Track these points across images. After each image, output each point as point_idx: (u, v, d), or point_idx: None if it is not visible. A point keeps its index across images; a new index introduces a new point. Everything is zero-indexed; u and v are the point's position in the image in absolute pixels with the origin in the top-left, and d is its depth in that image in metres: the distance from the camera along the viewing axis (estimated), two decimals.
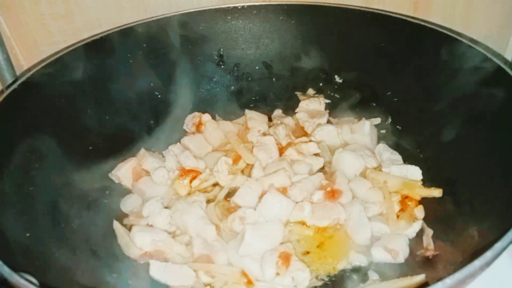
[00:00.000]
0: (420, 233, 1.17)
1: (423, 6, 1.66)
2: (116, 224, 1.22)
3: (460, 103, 1.27)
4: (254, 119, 1.54)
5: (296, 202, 1.25)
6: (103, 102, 1.40)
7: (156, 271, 1.09)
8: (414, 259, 1.13)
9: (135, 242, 1.17)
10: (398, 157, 1.37)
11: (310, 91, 1.66)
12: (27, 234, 1.01)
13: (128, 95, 1.47)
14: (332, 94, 1.63)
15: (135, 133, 1.47)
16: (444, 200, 1.21)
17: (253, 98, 1.66)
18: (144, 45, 1.49)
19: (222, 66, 1.63)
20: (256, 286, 1.06)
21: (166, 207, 1.28)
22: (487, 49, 1.26)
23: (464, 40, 1.28)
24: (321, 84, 1.64)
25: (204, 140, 1.47)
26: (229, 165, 1.35)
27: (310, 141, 1.45)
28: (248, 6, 1.56)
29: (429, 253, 1.11)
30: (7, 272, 0.79)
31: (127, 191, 1.35)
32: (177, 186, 1.32)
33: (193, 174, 1.35)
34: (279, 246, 1.14)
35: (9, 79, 1.43)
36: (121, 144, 1.42)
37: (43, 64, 1.26)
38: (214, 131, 1.48)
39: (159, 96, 1.54)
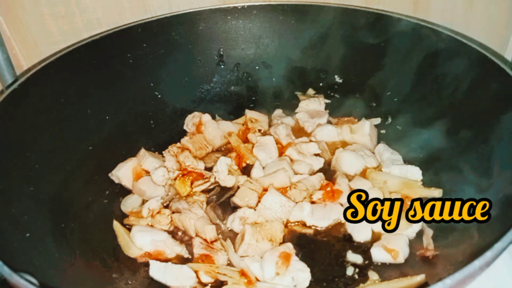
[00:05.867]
0: (420, 233, 1.17)
1: (423, 6, 1.66)
2: (116, 224, 1.22)
3: (460, 103, 1.27)
4: (254, 119, 1.55)
5: (296, 202, 1.25)
6: (103, 102, 1.40)
7: (156, 271, 1.09)
8: (414, 259, 1.13)
9: (135, 242, 1.17)
10: (398, 157, 1.37)
11: (310, 91, 1.66)
12: (27, 234, 1.01)
13: (128, 95, 1.48)
14: (332, 94, 1.63)
15: (135, 133, 1.47)
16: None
17: (253, 98, 1.66)
18: (144, 45, 1.49)
19: (222, 66, 1.64)
20: (256, 286, 1.06)
21: (166, 207, 1.28)
22: (487, 49, 1.26)
23: (464, 40, 1.28)
24: (321, 84, 1.64)
25: (204, 140, 1.47)
26: (229, 165, 1.35)
27: (310, 141, 1.45)
28: (248, 6, 1.56)
29: (429, 253, 1.11)
30: (7, 272, 0.79)
31: (127, 191, 1.35)
32: (179, 186, 1.32)
33: (194, 174, 1.35)
34: (279, 246, 1.14)
35: (9, 79, 1.43)
36: (121, 144, 1.42)
37: (43, 64, 1.26)
38: (214, 131, 1.48)
39: (159, 96, 1.54)
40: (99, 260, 1.13)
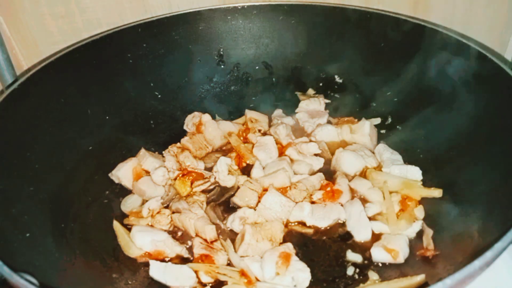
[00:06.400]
0: (420, 233, 1.17)
1: (423, 6, 1.66)
2: (116, 224, 1.22)
3: (460, 103, 1.27)
4: (254, 119, 1.55)
5: (296, 202, 1.25)
6: (103, 102, 1.40)
7: (156, 271, 1.09)
8: (414, 259, 1.13)
9: (135, 242, 1.17)
10: (398, 157, 1.37)
11: (310, 91, 1.66)
12: (27, 234, 1.01)
13: (128, 95, 1.48)
14: (332, 94, 1.63)
15: (135, 133, 1.47)
16: (444, 200, 1.21)
17: (253, 98, 1.66)
18: (144, 45, 1.49)
19: (222, 66, 1.64)
20: (256, 286, 1.06)
21: (166, 207, 1.28)
22: (487, 49, 1.26)
23: (464, 40, 1.28)
24: (321, 84, 1.64)
25: (204, 140, 1.47)
26: (229, 165, 1.35)
27: (310, 141, 1.45)
28: (248, 6, 1.56)
29: (429, 253, 1.11)
30: (7, 272, 0.79)
31: (127, 191, 1.35)
32: (179, 186, 1.32)
33: (194, 174, 1.35)
34: (279, 246, 1.14)
35: (9, 79, 1.43)
36: (121, 144, 1.42)
37: (43, 64, 1.26)
38: (214, 131, 1.48)
39: (159, 96, 1.54)
40: (99, 260, 1.13)
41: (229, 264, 1.13)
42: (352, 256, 1.14)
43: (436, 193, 1.22)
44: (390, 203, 1.22)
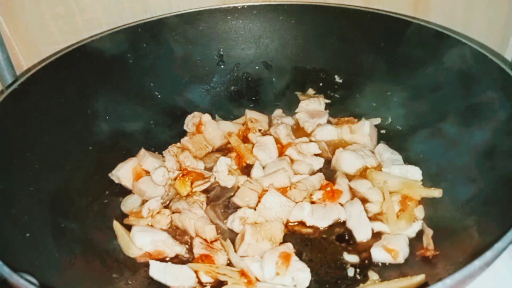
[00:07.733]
0: (420, 233, 1.17)
1: (423, 6, 1.66)
2: (116, 224, 1.22)
3: (460, 103, 1.27)
4: (254, 119, 1.55)
5: (296, 202, 1.25)
6: (103, 102, 1.40)
7: (156, 271, 1.09)
8: (414, 259, 1.13)
9: (135, 242, 1.17)
10: (398, 157, 1.37)
11: (310, 91, 1.66)
12: (27, 234, 1.01)
13: (128, 95, 1.48)
14: (332, 94, 1.63)
15: (135, 133, 1.47)
16: (444, 200, 1.21)
17: (253, 98, 1.66)
18: (144, 45, 1.49)
19: (222, 66, 1.64)
20: (256, 286, 1.06)
21: (166, 207, 1.28)
22: (487, 49, 1.26)
23: (464, 40, 1.28)
24: (321, 84, 1.64)
25: (204, 140, 1.47)
26: (229, 165, 1.35)
27: (310, 141, 1.45)
28: (248, 6, 1.56)
29: (429, 253, 1.11)
30: (7, 272, 0.79)
31: (127, 191, 1.35)
32: (179, 186, 1.32)
33: (194, 174, 1.35)
34: (279, 246, 1.14)
35: (9, 79, 1.43)
36: (121, 144, 1.42)
37: (43, 64, 1.26)
38: (214, 131, 1.48)
39: (159, 96, 1.54)
40: (99, 260, 1.13)
41: (229, 264, 1.13)
42: (352, 257, 1.14)
43: (436, 193, 1.22)
44: (390, 203, 1.22)
